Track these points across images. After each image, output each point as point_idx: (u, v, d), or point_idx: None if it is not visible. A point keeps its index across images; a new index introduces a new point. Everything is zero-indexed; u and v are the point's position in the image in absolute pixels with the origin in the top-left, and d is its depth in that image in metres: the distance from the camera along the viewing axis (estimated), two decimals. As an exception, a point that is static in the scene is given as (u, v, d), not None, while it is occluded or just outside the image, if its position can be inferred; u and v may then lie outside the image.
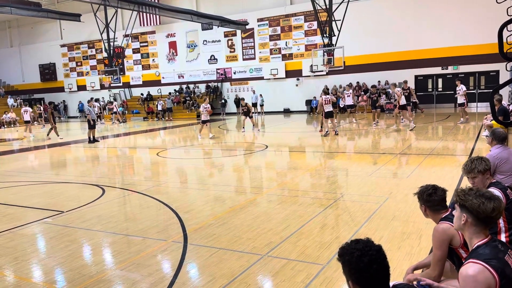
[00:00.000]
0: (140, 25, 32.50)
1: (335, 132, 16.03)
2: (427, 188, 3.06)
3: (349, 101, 20.40)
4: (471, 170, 3.75)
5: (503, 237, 3.43)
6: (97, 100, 32.10)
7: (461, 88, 17.50)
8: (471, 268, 2.13)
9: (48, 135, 20.25)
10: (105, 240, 5.78)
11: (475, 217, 2.29)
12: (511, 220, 3.42)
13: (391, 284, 1.95)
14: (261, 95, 28.07)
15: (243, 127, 19.33)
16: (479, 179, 3.75)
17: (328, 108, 15.60)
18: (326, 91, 19.18)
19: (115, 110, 30.08)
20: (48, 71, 38.95)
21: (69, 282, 4.50)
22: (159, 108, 29.73)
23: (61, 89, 38.43)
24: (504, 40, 8.22)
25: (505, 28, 7.52)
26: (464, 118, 17.31)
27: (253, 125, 19.26)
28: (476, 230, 2.31)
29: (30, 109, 25.80)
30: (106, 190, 8.64)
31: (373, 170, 9.31)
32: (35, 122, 34.00)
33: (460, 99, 17.58)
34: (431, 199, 3.02)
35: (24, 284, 4.52)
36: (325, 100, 15.63)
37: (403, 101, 16.42)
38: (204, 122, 17.42)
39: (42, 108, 31.81)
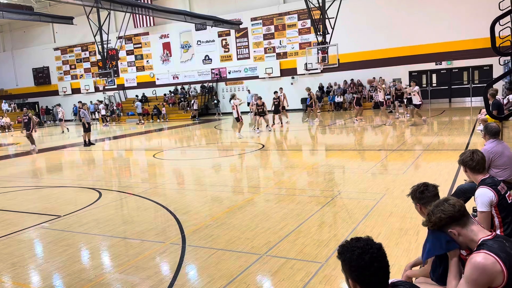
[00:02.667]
0: (134, 26, 32.41)
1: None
2: (418, 187, 3.09)
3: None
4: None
5: (498, 233, 3.45)
6: (101, 101, 32.01)
7: (415, 90, 16.19)
8: (482, 256, 2.17)
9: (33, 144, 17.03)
10: (103, 243, 5.77)
11: (455, 222, 2.39)
12: (505, 216, 3.44)
13: (389, 281, 1.96)
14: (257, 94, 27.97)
15: (257, 128, 18.26)
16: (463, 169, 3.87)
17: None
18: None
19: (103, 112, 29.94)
20: (41, 75, 38.76)
21: (67, 287, 4.49)
22: (195, 107, 29.51)
23: (55, 93, 38.28)
24: (497, 35, 8.26)
25: (497, 22, 7.55)
26: (420, 119, 16.16)
27: (267, 125, 18.62)
28: (468, 230, 2.37)
29: None
30: (102, 193, 8.62)
31: (370, 166, 9.33)
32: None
33: (415, 100, 16.22)
34: (424, 196, 3.05)
35: (23, 289, 4.51)
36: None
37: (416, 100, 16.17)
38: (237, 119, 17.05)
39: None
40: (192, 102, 29.67)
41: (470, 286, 2.18)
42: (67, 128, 26.44)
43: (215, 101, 30.40)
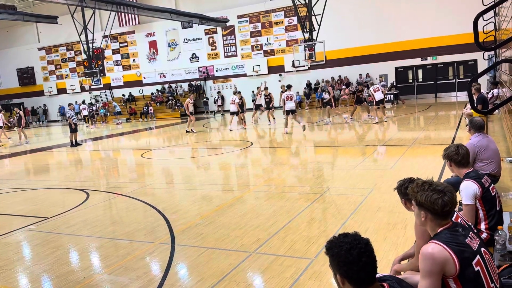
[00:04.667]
0: (119, 25, 32.10)
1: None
2: (404, 182, 3.11)
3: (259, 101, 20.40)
4: None
5: (483, 226, 3.50)
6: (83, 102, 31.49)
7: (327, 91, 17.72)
8: (431, 246, 2.28)
9: None
10: (91, 244, 5.72)
11: (432, 213, 2.39)
12: (489, 209, 3.49)
13: (377, 276, 1.98)
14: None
15: (270, 120, 19.35)
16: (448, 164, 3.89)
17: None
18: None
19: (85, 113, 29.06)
20: (26, 75, 38.17)
21: (56, 289, 4.44)
22: (219, 102, 29.12)
23: (40, 93, 37.75)
24: (480, 30, 8.36)
25: (481, 17, 7.64)
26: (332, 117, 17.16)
27: (269, 120, 19.50)
28: (437, 223, 2.41)
29: None
30: (90, 194, 8.54)
31: (357, 162, 9.40)
32: (15, 127, 33.43)
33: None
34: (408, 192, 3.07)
35: (10, 293, 4.45)
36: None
37: (379, 96, 16.03)
38: (232, 114, 18.12)
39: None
40: (217, 98, 29.18)
41: (426, 278, 2.26)
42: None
43: (205, 99, 30.27)
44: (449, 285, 2.27)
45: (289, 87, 16.98)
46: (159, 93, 32.18)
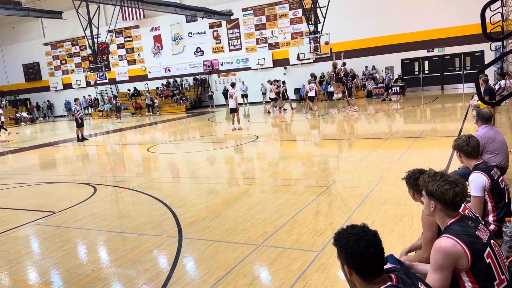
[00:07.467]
0: (123, 19, 32.07)
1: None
2: (413, 173, 3.10)
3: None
4: None
5: (491, 218, 3.48)
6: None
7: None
8: (444, 241, 2.27)
9: None
10: (99, 238, 5.77)
11: (442, 203, 2.38)
12: (498, 201, 3.47)
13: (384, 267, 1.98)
14: (263, 83, 27.03)
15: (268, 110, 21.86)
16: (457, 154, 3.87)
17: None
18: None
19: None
20: (32, 71, 38.34)
21: (65, 282, 4.49)
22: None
23: (46, 89, 37.93)
24: (488, 20, 8.27)
25: (488, 8, 7.55)
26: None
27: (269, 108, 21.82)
28: (446, 214, 2.41)
29: None
30: (97, 189, 8.60)
31: (363, 155, 9.37)
32: (22, 123, 33.66)
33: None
34: (418, 183, 3.06)
35: (20, 286, 4.51)
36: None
37: (312, 93, 19.21)
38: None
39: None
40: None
41: (437, 271, 2.25)
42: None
43: (210, 93, 30.26)
44: (461, 278, 2.27)
45: (232, 85, 16.81)
46: (165, 87, 32.22)
